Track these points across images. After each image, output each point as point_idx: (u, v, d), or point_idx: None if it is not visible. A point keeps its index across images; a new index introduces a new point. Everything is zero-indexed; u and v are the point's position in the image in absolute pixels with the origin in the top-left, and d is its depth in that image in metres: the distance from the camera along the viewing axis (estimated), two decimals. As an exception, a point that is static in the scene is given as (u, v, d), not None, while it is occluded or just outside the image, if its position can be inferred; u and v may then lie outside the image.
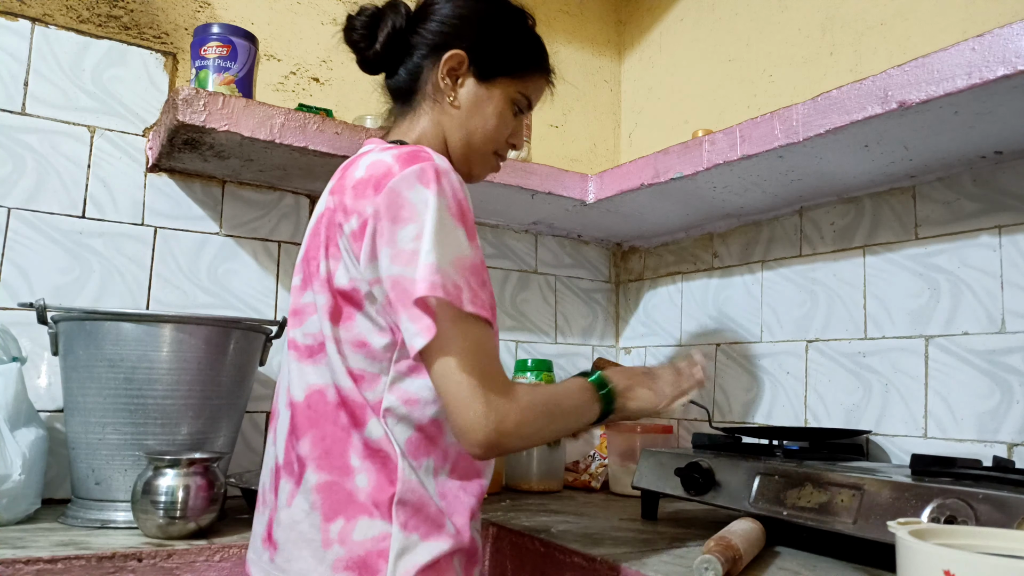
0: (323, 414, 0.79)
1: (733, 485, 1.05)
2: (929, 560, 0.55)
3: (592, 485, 1.60)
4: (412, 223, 0.74)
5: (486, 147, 0.95)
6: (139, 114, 1.40)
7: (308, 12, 1.60)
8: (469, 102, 0.92)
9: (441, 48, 0.91)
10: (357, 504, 0.76)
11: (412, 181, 0.75)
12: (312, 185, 1.51)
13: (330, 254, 0.80)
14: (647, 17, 2.01)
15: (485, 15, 0.94)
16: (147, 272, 1.38)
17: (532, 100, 0.99)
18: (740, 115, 1.64)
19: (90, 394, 1.09)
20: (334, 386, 0.79)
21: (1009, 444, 1.14)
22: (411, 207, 0.74)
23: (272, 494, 0.83)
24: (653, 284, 1.88)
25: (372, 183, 0.77)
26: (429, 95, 0.93)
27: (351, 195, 0.79)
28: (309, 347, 0.82)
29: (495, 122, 0.94)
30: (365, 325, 0.78)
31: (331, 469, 0.77)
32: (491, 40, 0.93)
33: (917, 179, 1.30)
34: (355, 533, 0.75)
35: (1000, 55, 0.90)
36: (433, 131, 0.93)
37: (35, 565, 0.87)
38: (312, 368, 0.81)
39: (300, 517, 0.78)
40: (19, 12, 1.31)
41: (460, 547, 0.78)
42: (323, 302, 0.80)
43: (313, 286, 0.82)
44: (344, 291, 0.79)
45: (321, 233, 0.83)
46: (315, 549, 0.76)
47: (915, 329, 1.29)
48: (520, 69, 0.95)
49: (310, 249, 0.85)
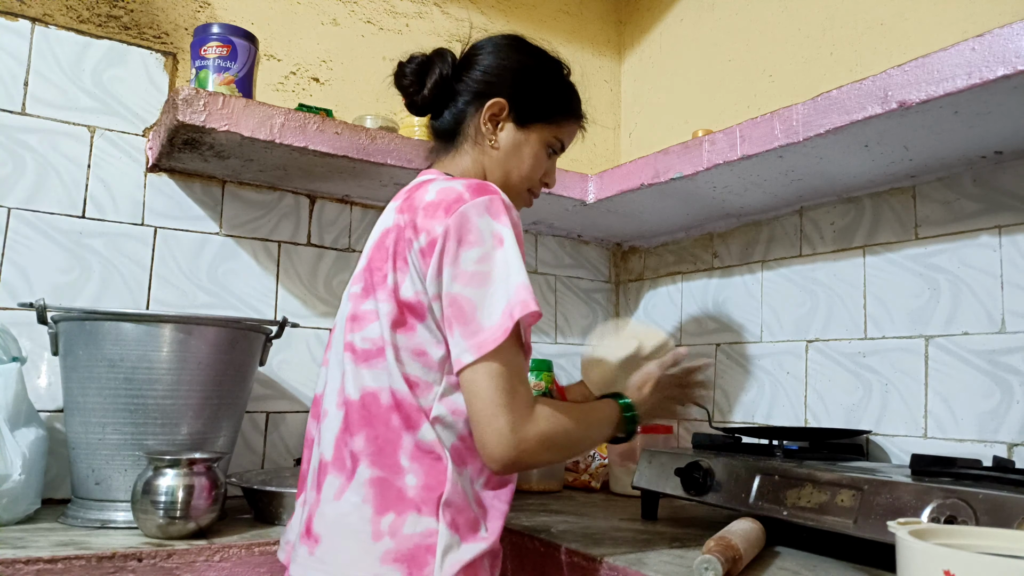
0: (376, 415, 0.83)
1: (733, 485, 1.05)
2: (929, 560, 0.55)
3: (592, 485, 1.60)
4: (477, 247, 0.81)
5: (521, 185, 1.04)
6: (139, 114, 1.40)
7: (308, 12, 1.61)
8: (508, 145, 1.01)
9: (484, 96, 1.00)
10: (407, 500, 0.80)
11: (481, 210, 0.83)
12: (312, 185, 1.51)
13: (397, 267, 0.86)
14: (647, 17, 2.01)
15: (525, 66, 1.02)
16: (147, 272, 1.38)
17: (565, 143, 1.07)
18: (740, 115, 1.64)
19: (90, 394, 1.09)
20: (389, 389, 0.84)
21: (1009, 444, 1.14)
22: (478, 232, 0.82)
23: (315, 491, 0.86)
24: (653, 284, 1.88)
25: (443, 206, 0.84)
26: (471, 137, 1.01)
27: (422, 215, 0.85)
28: (367, 351, 0.86)
29: (531, 163, 1.03)
30: (425, 336, 0.84)
31: (383, 466, 0.81)
32: (529, 89, 1.01)
33: (917, 179, 1.30)
34: (405, 528, 0.79)
35: (1000, 55, 0.90)
36: (474, 169, 1.01)
37: (35, 565, 0.87)
38: (368, 371, 0.85)
39: (349, 510, 0.81)
40: (19, 12, 1.31)
41: (491, 549, 0.84)
42: (387, 310, 0.85)
43: (377, 295, 0.87)
44: (409, 302, 0.85)
45: (388, 246, 0.88)
46: (363, 541, 0.79)
47: (915, 329, 1.29)
48: (555, 115, 1.04)
49: (374, 260, 0.90)
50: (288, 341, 1.45)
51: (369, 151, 1.33)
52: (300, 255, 1.53)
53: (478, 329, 0.79)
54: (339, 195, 1.58)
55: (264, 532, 1.08)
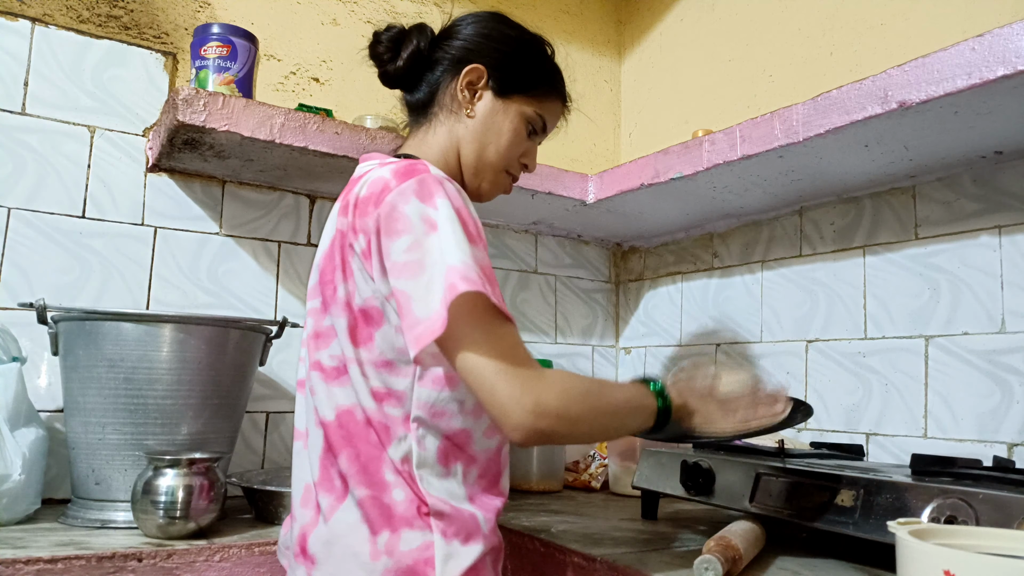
0: (355, 432, 0.81)
1: (733, 485, 1.05)
2: (929, 560, 0.55)
3: (592, 485, 1.60)
4: (406, 235, 0.75)
5: (498, 163, 0.97)
6: (139, 114, 1.40)
7: (308, 12, 1.60)
8: (485, 114, 0.95)
9: (462, 63, 0.95)
10: (398, 516, 0.78)
11: (408, 195, 0.77)
12: (312, 185, 1.51)
13: (347, 276, 0.82)
14: (647, 17, 2.01)
15: (507, 36, 0.98)
16: (147, 272, 1.38)
17: (547, 123, 1.01)
18: (740, 115, 1.64)
19: (90, 394, 1.09)
20: (360, 406, 0.81)
21: (1009, 444, 1.14)
22: (405, 220, 0.76)
23: (310, 510, 0.83)
24: (653, 284, 1.88)
25: (372, 200, 0.80)
26: (446, 106, 0.95)
27: (358, 215, 0.81)
28: (336, 368, 0.83)
29: (508, 137, 0.96)
30: (384, 344, 0.80)
31: (370, 484, 0.79)
32: (511, 58, 0.96)
33: (917, 179, 1.30)
34: (401, 544, 0.77)
35: (1000, 55, 0.90)
36: (447, 141, 0.95)
37: (35, 565, 0.87)
38: (339, 389, 0.83)
39: (344, 531, 0.79)
40: (19, 12, 1.31)
41: (492, 547, 0.82)
42: (343, 325, 0.82)
43: (332, 310, 0.84)
44: (363, 310, 0.81)
45: (335, 256, 0.84)
46: (363, 562, 0.77)
47: (915, 329, 1.29)
48: (536, 88, 0.98)
49: (325, 272, 0.86)
50: (288, 341, 1.45)
51: (369, 151, 1.33)
52: (300, 255, 1.53)
53: (415, 322, 0.72)
54: (339, 195, 1.57)
55: (264, 532, 1.08)
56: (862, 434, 1.35)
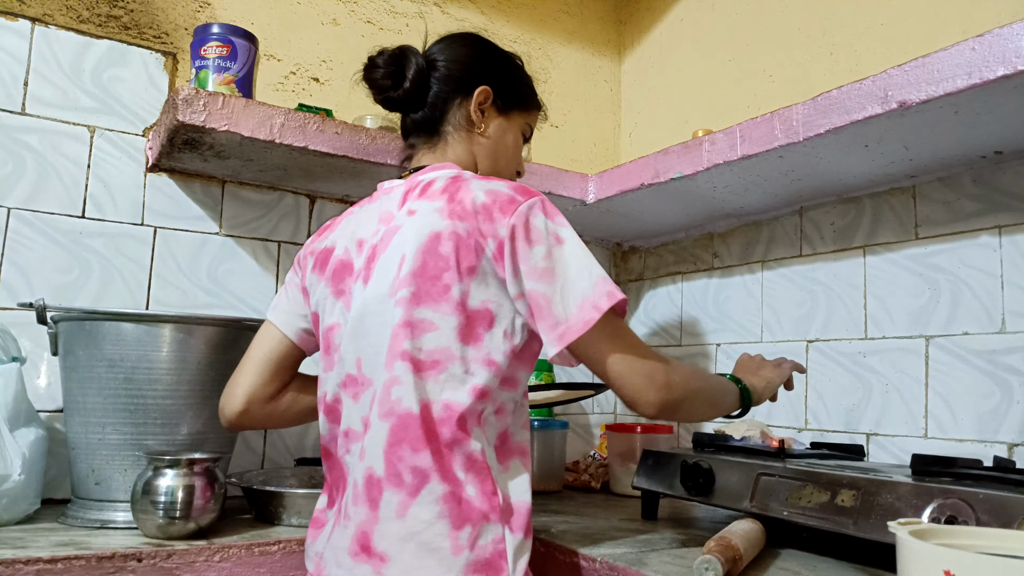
0: (434, 428, 0.83)
1: (733, 485, 1.05)
2: (929, 560, 0.55)
3: (592, 485, 1.60)
4: (540, 244, 0.85)
5: (509, 171, 1.07)
6: (139, 114, 1.40)
7: (308, 12, 1.60)
8: (495, 132, 1.04)
9: (466, 83, 1.01)
10: (476, 511, 0.81)
11: (536, 209, 0.86)
12: (312, 185, 1.51)
13: (463, 276, 0.85)
14: (647, 17, 2.01)
15: (498, 56, 1.07)
16: (147, 272, 1.38)
17: (533, 130, 1.12)
18: (740, 115, 1.64)
19: (90, 394, 1.09)
20: (446, 402, 0.83)
21: (1009, 444, 1.14)
22: (539, 231, 0.85)
23: (366, 507, 0.83)
24: (653, 284, 1.88)
25: (498, 207, 0.86)
26: (461, 126, 1.01)
27: (482, 219, 0.86)
28: (434, 361, 0.84)
29: (514, 150, 1.08)
30: (492, 344, 0.85)
31: (449, 480, 0.81)
32: (506, 77, 1.06)
33: (917, 179, 1.30)
34: (481, 538, 0.81)
35: (1000, 55, 0.90)
36: (467, 158, 1.02)
37: (35, 565, 0.86)
38: (431, 383, 0.84)
39: (420, 528, 0.80)
40: (19, 12, 1.31)
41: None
42: (453, 323, 0.84)
43: (437, 305, 0.84)
44: (477, 311, 0.85)
45: (448, 254, 0.85)
46: (443, 557, 0.79)
47: (915, 329, 1.29)
48: (527, 103, 1.09)
49: (428, 267, 0.85)
50: (288, 341, 1.45)
51: (369, 151, 1.33)
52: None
53: (555, 322, 0.82)
54: (339, 195, 1.58)
55: (264, 532, 1.08)
56: (862, 434, 1.35)
